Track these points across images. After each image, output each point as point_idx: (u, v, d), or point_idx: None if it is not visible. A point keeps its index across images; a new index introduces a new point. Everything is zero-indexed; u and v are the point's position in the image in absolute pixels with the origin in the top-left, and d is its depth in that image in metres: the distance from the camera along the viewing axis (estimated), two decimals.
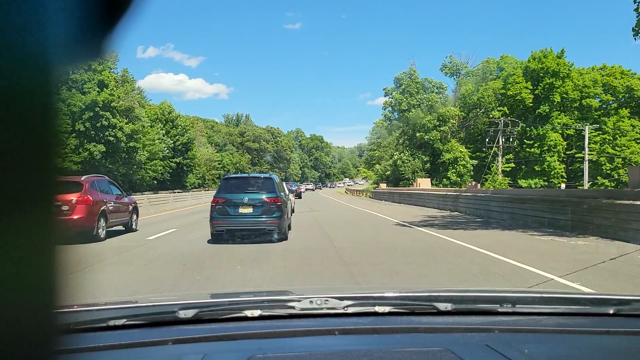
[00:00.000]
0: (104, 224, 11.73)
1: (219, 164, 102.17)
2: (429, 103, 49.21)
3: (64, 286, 0.38)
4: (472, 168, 50.44)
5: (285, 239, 10.96)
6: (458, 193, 22.76)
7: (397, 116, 52.28)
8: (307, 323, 1.54)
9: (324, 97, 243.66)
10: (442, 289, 2.23)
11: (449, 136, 50.37)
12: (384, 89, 60.36)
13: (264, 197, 10.68)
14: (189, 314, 1.52)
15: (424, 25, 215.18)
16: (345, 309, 1.59)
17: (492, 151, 49.58)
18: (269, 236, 10.66)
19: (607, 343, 1.47)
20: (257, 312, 1.56)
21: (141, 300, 2.01)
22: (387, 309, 1.61)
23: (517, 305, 1.68)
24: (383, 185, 46.35)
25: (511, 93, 62.69)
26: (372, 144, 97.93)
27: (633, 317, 1.66)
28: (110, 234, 12.28)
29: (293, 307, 1.59)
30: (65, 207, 10.73)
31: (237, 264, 7.89)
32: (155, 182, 61.11)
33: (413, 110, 49.16)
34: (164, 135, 66.09)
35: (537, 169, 62.45)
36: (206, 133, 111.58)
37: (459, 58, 58.24)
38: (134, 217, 14.23)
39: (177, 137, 68.24)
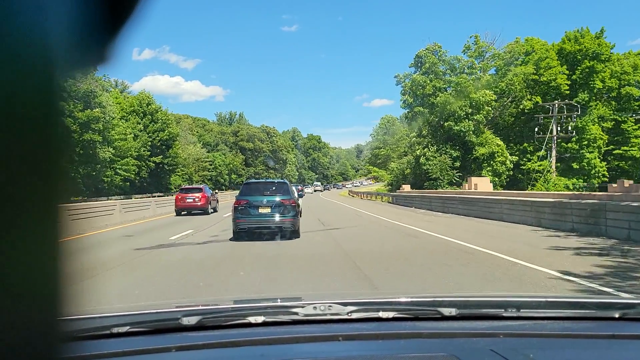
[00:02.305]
0: (209, 207, 23.65)
1: (211, 164, 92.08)
2: (459, 86, 38.74)
3: (70, 293, 0.37)
4: (511, 166, 40.07)
5: (298, 236, 11.71)
6: (596, 201, 12.25)
7: (415, 104, 41.69)
8: (311, 329, 1.50)
9: (321, 99, 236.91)
10: (446, 293, 2.43)
11: (482, 127, 39.99)
12: (395, 76, 49.98)
13: (280, 199, 11.56)
14: (192, 320, 1.48)
15: (424, 21, 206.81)
16: (349, 314, 1.55)
17: (544, 145, 39.18)
18: (285, 234, 11.54)
19: (612, 347, 1.41)
20: (260, 319, 1.52)
21: (144, 307, 1.91)
22: (390, 314, 1.56)
23: (522, 310, 1.61)
24: (406, 187, 35.79)
25: (545, 79, 52.31)
26: (377, 141, 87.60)
27: (638, 321, 1.59)
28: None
29: (296, 313, 1.55)
30: (196, 199, 23.01)
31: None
32: (128, 184, 50.60)
33: (440, 94, 38.66)
34: (140, 131, 55.50)
35: (574, 166, 52.19)
36: (197, 132, 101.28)
37: (483, 39, 47.87)
38: (217, 204, 26.69)
39: (156, 133, 57.52)
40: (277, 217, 11.51)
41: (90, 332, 1.44)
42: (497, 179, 38.86)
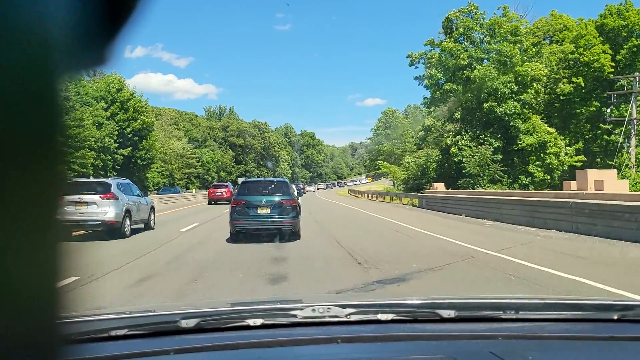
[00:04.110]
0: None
1: (198, 161, 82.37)
2: (502, 56, 29.32)
3: (67, 295, 0.36)
4: (566, 159, 30.77)
5: (299, 238, 10.80)
6: None
7: (443, 80, 32.10)
8: (310, 331, 1.46)
9: (314, 98, 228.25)
10: (445, 295, 2.31)
11: (526, 110, 30.66)
12: (408, 56, 40.56)
13: (280, 198, 10.80)
14: (190, 323, 1.43)
15: (420, 20, 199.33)
16: (348, 316, 1.49)
17: (620, 131, 30.00)
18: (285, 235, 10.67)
19: (611, 349, 1.39)
20: (259, 321, 1.47)
21: (143, 310, 1.87)
22: (389, 316, 1.51)
23: (520, 312, 1.57)
24: (439, 186, 26.24)
25: (585, 59, 43.32)
26: (379, 135, 78.27)
27: (637, 323, 1.55)
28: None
29: (295, 316, 1.50)
30: (223, 193, 29.91)
31: None
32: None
33: (478, 66, 29.22)
34: (108, 119, 45.74)
35: (617, 162, 43.29)
36: (184, 126, 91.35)
37: (514, 10, 38.45)
38: None
39: (127, 122, 47.65)
40: (277, 218, 10.67)
41: (89, 334, 1.38)
42: (548, 177, 29.55)
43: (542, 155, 29.49)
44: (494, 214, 17.01)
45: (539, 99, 30.29)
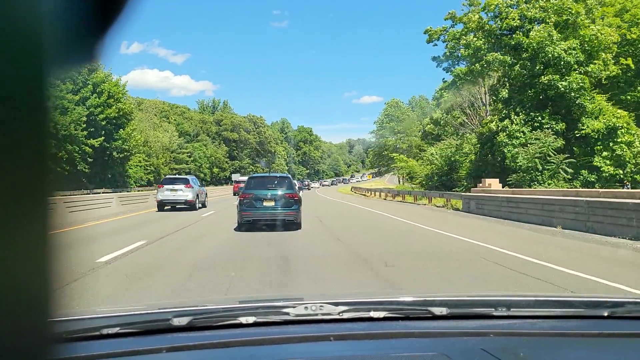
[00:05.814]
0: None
1: (189, 156, 74.96)
2: (564, 15, 22.15)
3: (58, 294, 0.35)
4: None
5: (300, 228, 11.34)
6: None
7: (484, 50, 24.81)
8: (302, 329, 1.43)
9: (310, 95, 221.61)
10: (437, 293, 2.25)
11: (592, 88, 23.54)
12: (426, 31, 33.51)
13: (284, 192, 11.44)
14: (183, 321, 1.40)
15: (416, 18, 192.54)
16: (340, 314, 1.47)
17: None
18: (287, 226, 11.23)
19: (601, 345, 1.37)
20: (251, 319, 1.44)
21: (135, 308, 1.82)
22: (382, 314, 1.49)
23: (512, 309, 1.55)
24: (493, 183, 18.97)
25: (633, 36, 36.45)
26: (383, 129, 71.11)
27: (627, 319, 1.54)
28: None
29: (288, 314, 1.47)
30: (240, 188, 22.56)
31: None
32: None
33: (535, 28, 22.03)
34: (76, 104, 38.38)
35: None
36: (175, 120, 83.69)
37: None
38: None
39: (101, 108, 40.21)
40: (280, 210, 11.34)
41: (80, 333, 1.35)
42: (620, 172, 22.44)
43: (610, 144, 22.39)
44: (631, 229, 9.91)
45: (608, 72, 23.09)
